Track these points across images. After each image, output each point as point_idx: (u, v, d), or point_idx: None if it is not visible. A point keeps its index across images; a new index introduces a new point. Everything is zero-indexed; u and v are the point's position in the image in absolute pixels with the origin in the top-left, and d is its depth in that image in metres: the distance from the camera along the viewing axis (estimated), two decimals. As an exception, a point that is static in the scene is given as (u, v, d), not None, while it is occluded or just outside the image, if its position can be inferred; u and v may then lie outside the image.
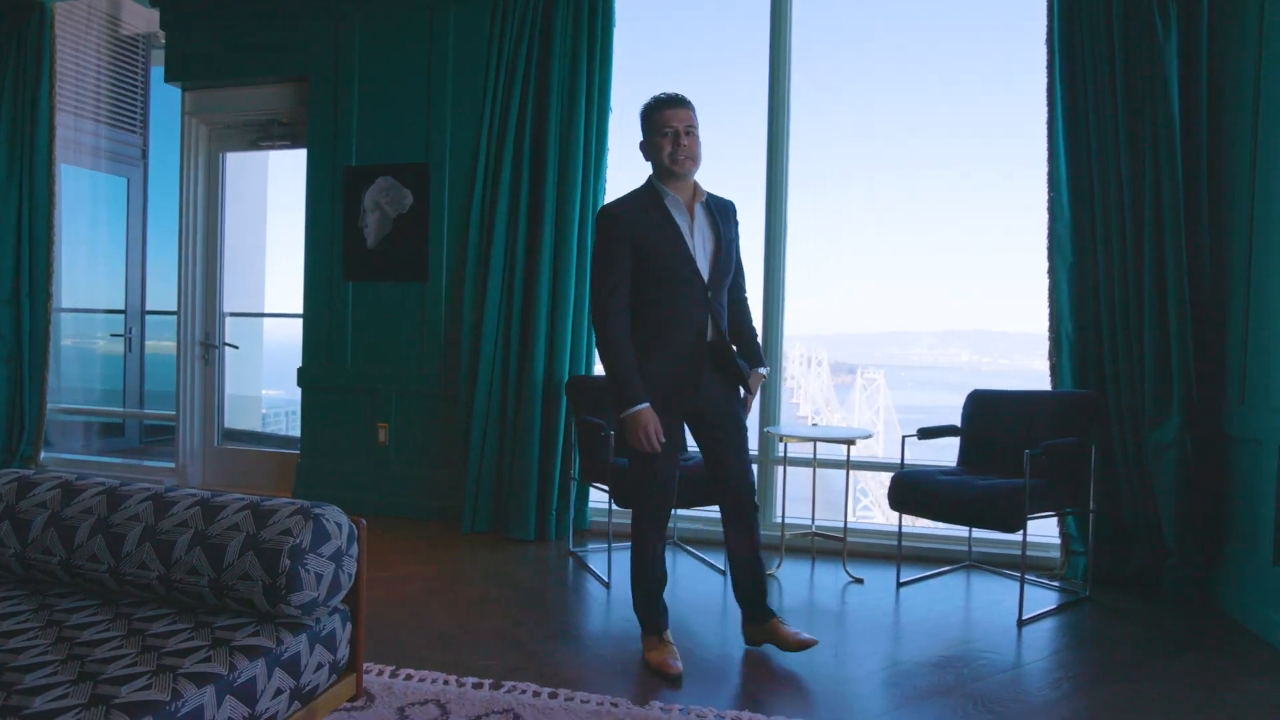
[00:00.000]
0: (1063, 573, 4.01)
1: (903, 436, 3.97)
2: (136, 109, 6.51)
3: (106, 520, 1.86)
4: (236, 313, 5.70)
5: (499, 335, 4.62)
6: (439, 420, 4.90)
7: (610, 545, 4.05)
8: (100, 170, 6.40)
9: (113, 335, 6.60)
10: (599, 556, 4.20)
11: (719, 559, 4.16)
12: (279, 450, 5.63)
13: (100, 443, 6.62)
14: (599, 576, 3.92)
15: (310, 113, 5.11)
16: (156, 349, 6.79)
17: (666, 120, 2.81)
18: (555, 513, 4.54)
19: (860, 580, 3.95)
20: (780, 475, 4.55)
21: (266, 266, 6.08)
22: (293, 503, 1.82)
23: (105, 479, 2.01)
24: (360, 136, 5.02)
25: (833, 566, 4.15)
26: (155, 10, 5.52)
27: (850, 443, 4.06)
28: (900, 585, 3.88)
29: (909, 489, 3.70)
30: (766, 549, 4.34)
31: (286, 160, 5.80)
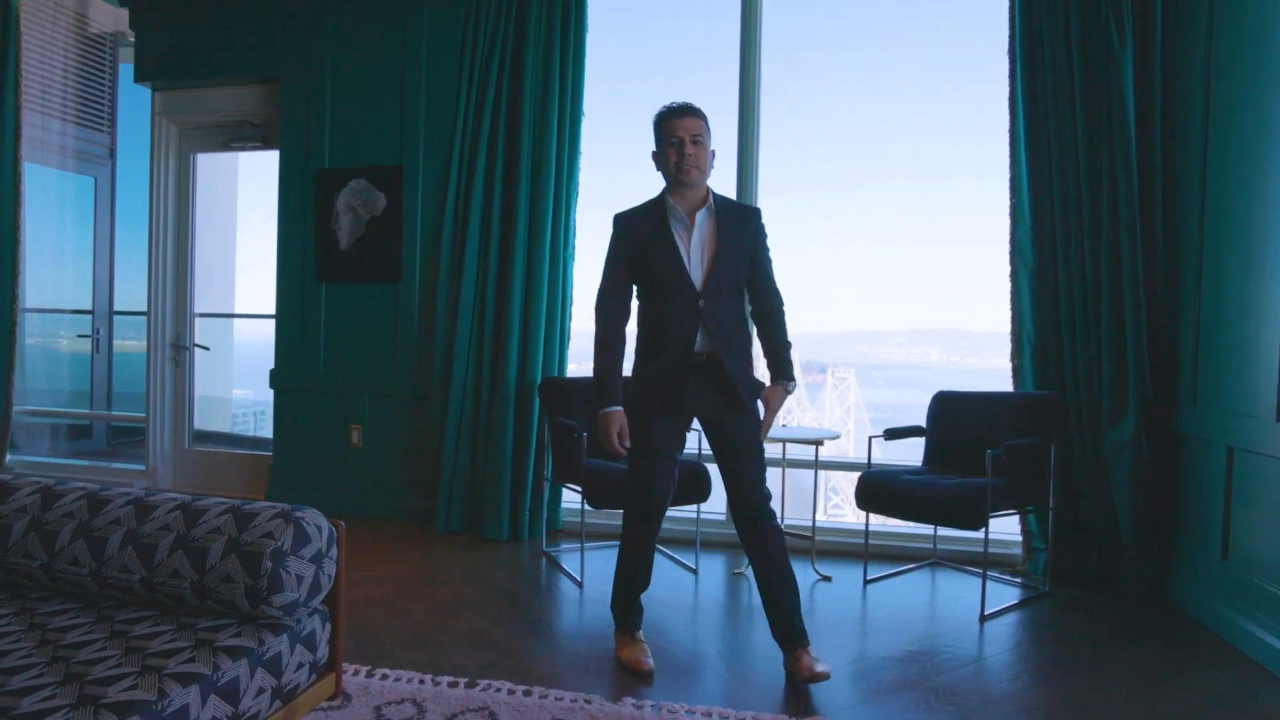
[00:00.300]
0: (1024, 569, 4.13)
1: (869, 437, 4.06)
2: (104, 108, 6.44)
3: (88, 524, 1.88)
4: (207, 313, 5.68)
5: (472, 337, 4.66)
6: (412, 421, 4.92)
7: (583, 545, 4.10)
8: (67, 170, 6.32)
9: (80, 336, 6.53)
10: (572, 556, 4.25)
11: (690, 558, 4.23)
12: (250, 452, 5.62)
13: (68, 445, 6.54)
14: (572, 576, 3.97)
15: (283, 114, 5.11)
16: (123, 349, 6.73)
17: (673, 130, 2.82)
18: (528, 513, 4.59)
19: (828, 578, 4.03)
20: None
21: (236, 267, 6.06)
22: (273, 506, 1.85)
23: (84, 483, 2.03)
24: (333, 139, 5.03)
25: (802, 565, 4.22)
26: (123, 9, 5.49)
27: (818, 443, 4.14)
28: (867, 582, 3.97)
29: (875, 489, 3.79)
30: (735, 549, 4.43)
31: (256, 161, 5.79)
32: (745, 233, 2.92)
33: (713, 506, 4.30)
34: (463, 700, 2.58)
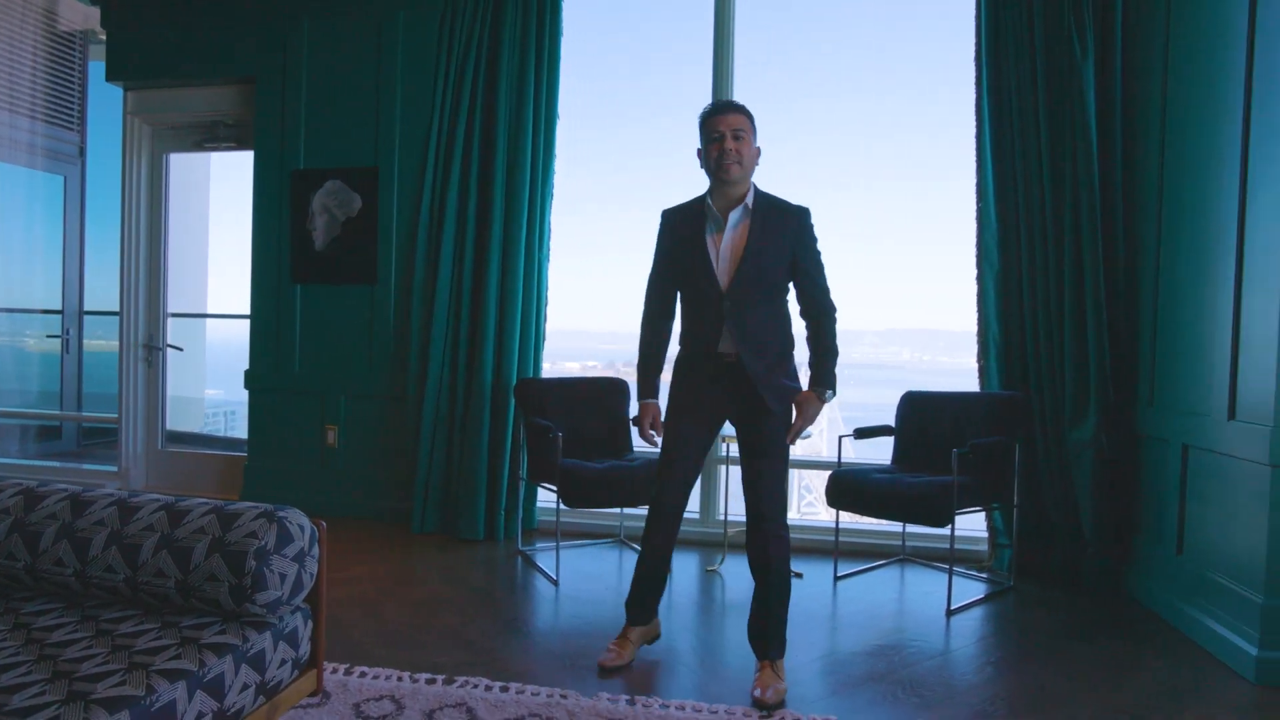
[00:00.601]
0: (990, 565, 4.23)
1: (839, 437, 4.14)
2: (73, 106, 6.39)
3: (71, 525, 1.91)
4: (180, 313, 5.66)
5: (448, 338, 4.69)
6: (388, 422, 4.94)
7: (558, 544, 4.15)
8: (36, 168, 6.27)
9: (49, 336, 6.48)
10: (547, 555, 4.29)
11: (664, 556, 4.28)
12: (224, 452, 5.61)
13: (37, 446, 6.49)
14: (547, 574, 4.01)
15: (257, 115, 5.10)
16: (92, 348, 6.68)
17: (714, 126, 2.80)
18: (504, 512, 4.63)
19: (799, 575, 4.10)
20: (723, 474, 4.69)
21: (209, 267, 6.04)
22: (257, 506, 1.89)
23: (67, 485, 2.05)
24: (308, 140, 5.03)
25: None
26: (94, 7, 5.45)
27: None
28: (837, 579, 4.05)
29: (845, 487, 3.87)
30: (709, 546, 4.50)
31: (228, 161, 5.77)
32: (784, 233, 2.84)
33: (688, 506, 4.35)
34: (440, 697, 2.63)
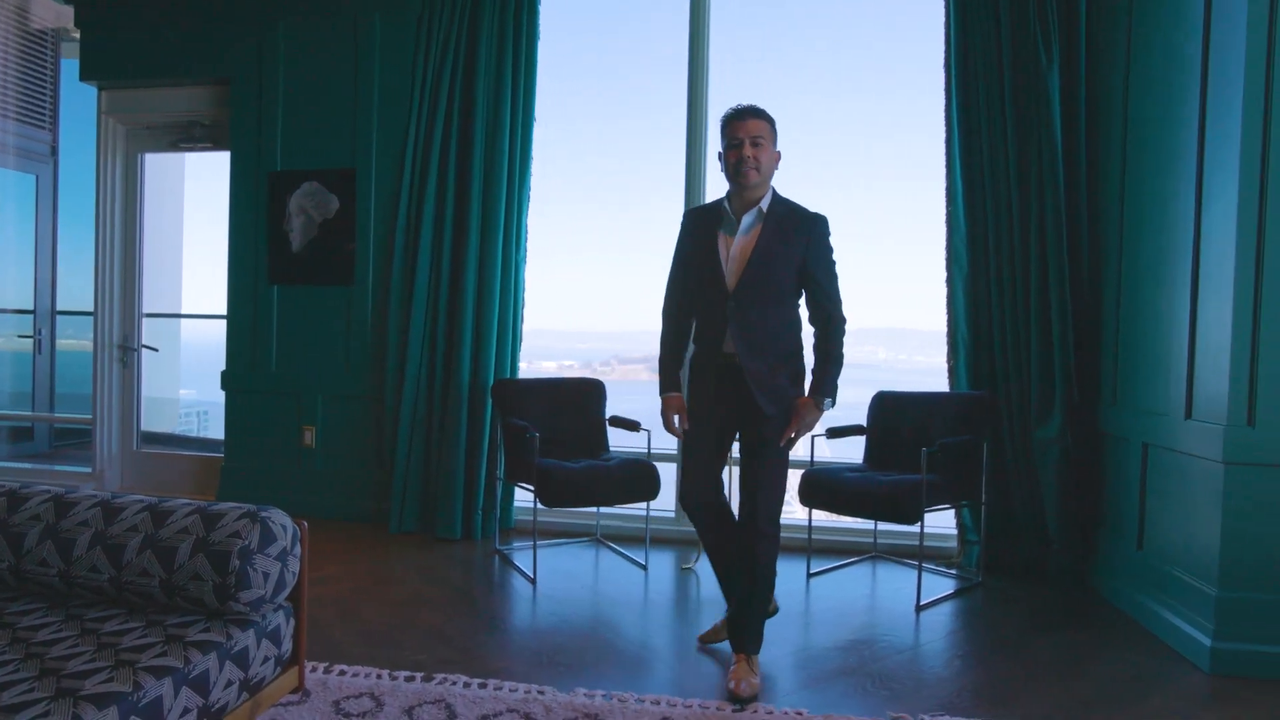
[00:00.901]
0: (959, 561, 4.32)
1: (811, 436, 4.21)
2: (45, 105, 6.35)
3: (55, 527, 1.94)
4: (155, 314, 5.64)
5: (425, 338, 4.72)
6: (365, 422, 4.96)
7: (535, 543, 4.19)
8: (7, 167, 6.22)
9: (20, 336, 6.42)
10: (524, 554, 4.33)
11: (639, 554, 4.34)
12: (199, 453, 5.60)
13: (9, 448, 6.44)
14: (524, 573, 4.05)
15: (234, 116, 5.10)
16: (64, 348, 6.63)
17: (734, 131, 2.86)
18: (481, 512, 4.66)
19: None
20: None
21: (184, 267, 6.02)
22: (240, 506, 1.93)
23: (49, 487, 2.08)
24: (285, 141, 5.03)
25: (748, 559, 4.37)
26: (67, 6, 5.42)
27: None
28: (810, 576, 4.12)
29: (817, 485, 3.95)
30: (684, 544, 4.56)
31: (202, 161, 5.76)
32: (796, 239, 2.88)
33: (662, 504, 4.42)
34: (419, 694, 2.67)
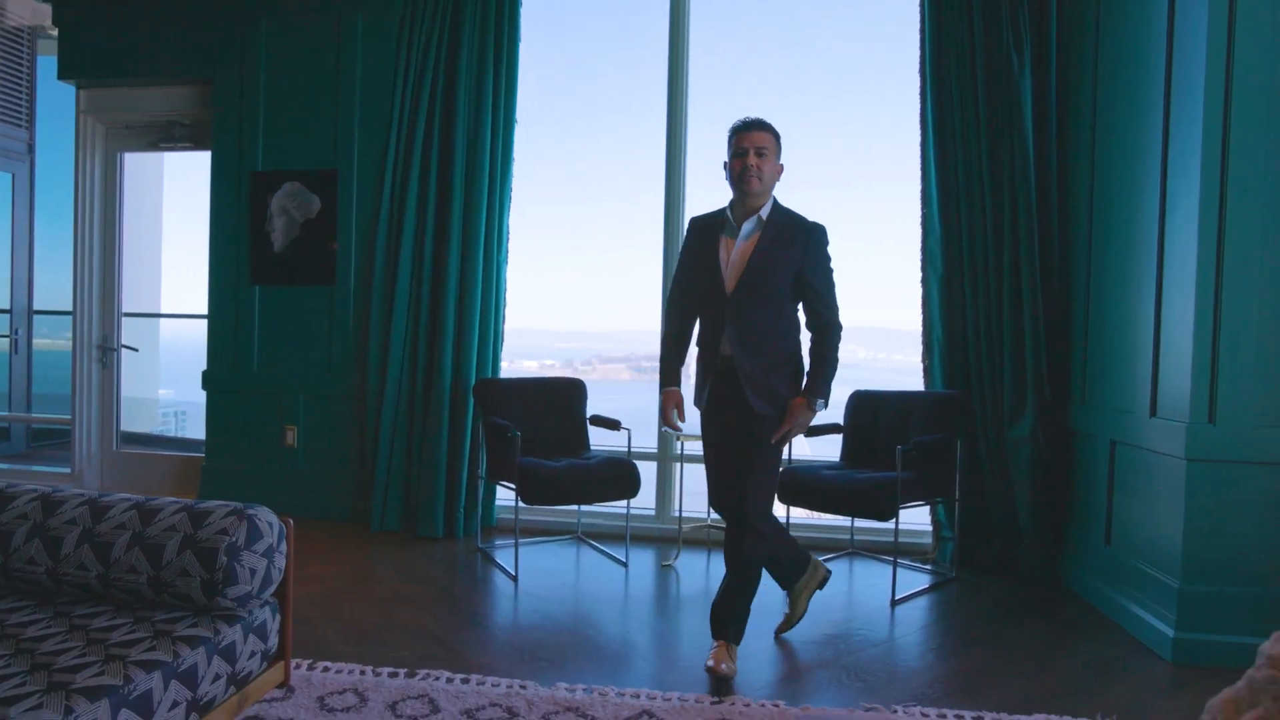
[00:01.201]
0: (934, 556, 4.40)
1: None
2: (22, 103, 6.32)
3: (43, 525, 1.96)
4: (135, 313, 5.62)
5: (407, 339, 4.75)
6: (347, 422, 4.98)
7: (517, 540, 4.23)
8: (-16, 165, 6.19)
9: (-3, 336, 6.38)
10: (506, 552, 4.37)
11: (620, 551, 4.39)
12: (179, 453, 5.59)
13: (-15, 448, 6.40)
14: (506, 570, 4.10)
15: (215, 116, 5.10)
16: (41, 348, 6.59)
17: (740, 141, 2.98)
18: (463, 510, 4.70)
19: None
20: (678, 472, 4.80)
21: (163, 267, 6.01)
22: (226, 504, 1.96)
23: (36, 486, 2.10)
24: (267, 141, 5.04)
25: (727, 556, 4.43)
26: (44, 4, 5.39)
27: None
28: (788, 571, 4.18)
29: (795, 483, 4.01)
30: (664, 542, 4.62)
31: (181, 161, 5.75)
32: (794, 246, 2.98)
33: (642, 502, 4.48)
34: (403, 689, 2.70)
